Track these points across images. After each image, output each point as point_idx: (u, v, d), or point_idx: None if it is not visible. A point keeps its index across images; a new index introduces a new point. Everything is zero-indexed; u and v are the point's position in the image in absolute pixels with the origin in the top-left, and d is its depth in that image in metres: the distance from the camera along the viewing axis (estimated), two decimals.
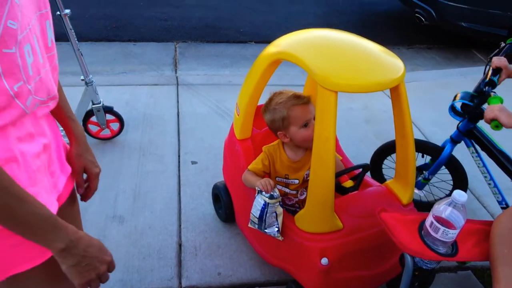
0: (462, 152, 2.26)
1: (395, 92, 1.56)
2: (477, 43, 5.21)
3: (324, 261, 1.50)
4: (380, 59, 1.56)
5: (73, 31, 2.43)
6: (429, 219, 1.13)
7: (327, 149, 1.44)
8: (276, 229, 1.67)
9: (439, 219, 1.10)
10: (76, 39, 2.46)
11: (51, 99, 0.93)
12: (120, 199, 2.41)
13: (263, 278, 2.02)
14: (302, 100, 1.64)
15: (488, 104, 1.81)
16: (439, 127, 3.29)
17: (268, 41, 1.75)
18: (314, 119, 1.65)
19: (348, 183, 1.74)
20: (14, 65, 0.77)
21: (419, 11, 4.96)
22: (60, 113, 1.09)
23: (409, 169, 1.65)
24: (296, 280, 1.73)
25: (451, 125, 2.24)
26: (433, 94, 3.88)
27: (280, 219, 1.65)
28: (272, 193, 1.61)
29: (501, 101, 1.81)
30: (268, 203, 1.61)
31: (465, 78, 4.31)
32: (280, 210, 1.64)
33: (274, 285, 2.00)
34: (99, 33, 4.72)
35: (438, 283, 2.00)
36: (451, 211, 1.08)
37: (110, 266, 0.91)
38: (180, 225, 2.28)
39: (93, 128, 2.81)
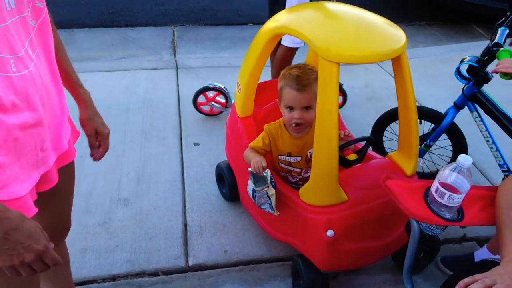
0: (465, 125, 2.26)
1: (397, 63, 1.55)
2: (477, 18, 5.15)
3: (330, 233, 1.51)
4: (381, 30, 1.54)
5: None
6: (435, 185, 1.13)
7: (330, 121, 1.44)
8: (268, 206, 1.71)
9: (445, 185, 1.10)
10: None
11: (17, 59, 0.85)
12: (124, 182, 2.42)
13: (269, 254, 2.04)
14: (296, 86, 1.60)
15: (498, 58, 1.86)
16: (442, 102, 3.25)
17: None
18: (309, 108, 1.63)
19: (352, 156, 1.74)
20: None
21: None
22: (67, 79, 1.14)
23: (412, 140, 1.65)
24: (302, 254, 1.74)
25: (454, 99, 2.23)
26: (435, 70, 3.86)
27: (273, 198, 1.67)
28: (264, 174, 1.63)
29: (511, 54, 1.84)
30: (255, 189, 1.64)
31: (466, 53, 4.21)
32: (271, 191, 1.66)
33: (280, 261, 2.01)
34: (96, 19, 4.68)
35: (443, 254, 2.01)
36: (456, 176, 1.08)
37: (45, 257, 0.83)
38: (184, 206, 2.29)
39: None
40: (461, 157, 1.08)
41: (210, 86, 2.92)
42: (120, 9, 4.94)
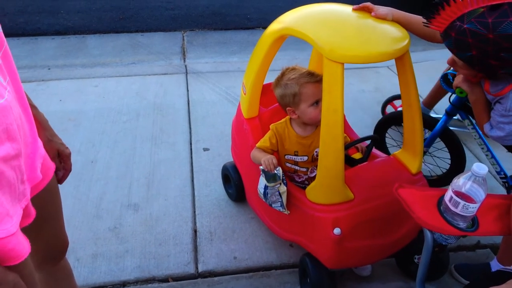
0: None
1: (401, 62, 1.56)
2: None
3: (337, 231, 1.51)
4: (384, 30, 1.53)
5: None
6: (449, 193, 1.10)
7: (335, 121, 1.44)
8: (279, 204, 1.69)
9: (459, 194, 1.08)
10: None
11: None
12: (134, 187, 2.42)
13: (279, 261, 2.02)
14: (315, 78, 1.64)
15: None
16: None
17: None
18: None
19: (357, 155, 1.74)
20: None
21: None
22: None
23: (417, 138, 1.65)
24: (309, 253, 1.73)
25: None
26: None
27: (284, 196, 1.66)
28: (276, 171, 1.61)
29: None
30: (268, 186, 1.62)
31: None
32: (283, 189, 1.65)
33: (290, 267, 1.99)
34: (107, 25, 4.73)
35: (457, 262, 1.98)
36: (470, 185, 1.06)
37: None
38: (194, 211, 2.28)
39: None
40: (476, 166, 1.05)
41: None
42: (130, 15, 4.98)
